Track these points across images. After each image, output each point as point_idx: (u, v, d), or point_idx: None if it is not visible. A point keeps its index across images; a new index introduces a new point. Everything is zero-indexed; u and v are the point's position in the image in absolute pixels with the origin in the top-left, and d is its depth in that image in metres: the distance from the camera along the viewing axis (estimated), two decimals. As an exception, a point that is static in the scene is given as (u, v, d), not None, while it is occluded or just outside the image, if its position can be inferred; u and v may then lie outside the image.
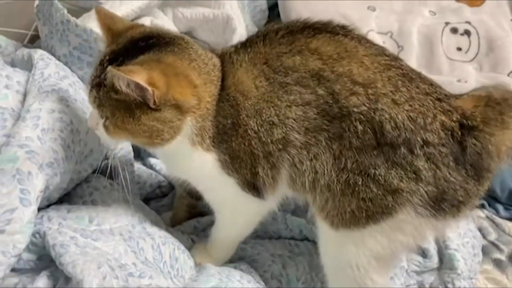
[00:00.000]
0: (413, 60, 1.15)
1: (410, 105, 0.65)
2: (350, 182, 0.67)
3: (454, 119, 0.66)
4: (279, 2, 1.31)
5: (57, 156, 0.72)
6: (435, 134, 0.65)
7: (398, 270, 0.87)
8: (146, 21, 1.05)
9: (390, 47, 1.17)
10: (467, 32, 1.16)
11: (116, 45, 0.69)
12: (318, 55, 0.68)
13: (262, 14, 1.38)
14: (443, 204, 0.66)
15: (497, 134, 0.65)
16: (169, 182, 1.02)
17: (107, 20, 0.67)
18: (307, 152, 0.68)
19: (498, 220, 0.95)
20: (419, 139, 0.65)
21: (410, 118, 0.65)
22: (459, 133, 0.65)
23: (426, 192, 0.65)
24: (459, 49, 1.15)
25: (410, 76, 0.68)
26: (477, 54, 1.14)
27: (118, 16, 0.78)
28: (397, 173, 0.65)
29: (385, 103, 0.65)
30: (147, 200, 0.99)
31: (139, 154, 1.08)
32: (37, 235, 0.67)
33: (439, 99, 0.67)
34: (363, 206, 0.67)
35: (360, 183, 0.66)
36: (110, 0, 1.07)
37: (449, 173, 0.65)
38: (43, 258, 0.69)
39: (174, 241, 0.78)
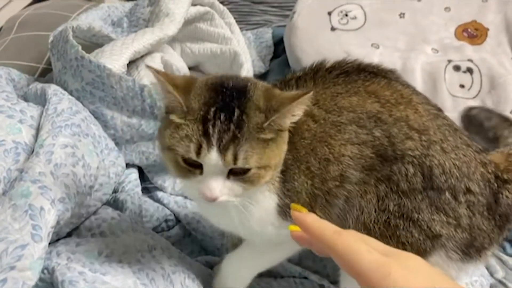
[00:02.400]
0: (417, 96, 1.17)
1: (456, 154, 0.69)
2: (391, 224, 0.68)
3: (490, 171, 0.70)
4: (285, 38, 1.34)
5: (69, 191, 0.73)
6: (476, 183, 0.68)
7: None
8: (157, 57, 1.08)
9: (394, 83, 1.19)
10: (469, 70, 1.18)
11: (204, 97, 0.60)
12: (376, 98, 0.69)
13: (268, 49, 1.41)
14: (471, 249, 0.69)
15: None
16: (175, 216, 1.02)
17: (169, 78, 0.60)
18: (359, 189, 0.69)
19: (505, 258, 0.95)
20: (463, 186, 0.68)
21: (456, 166, 0.68)
22: (495, 184, 0.70)
23: (461, 238, 0.68)
24: (462, 86, 1.17)
25: (454, 127, 0.72)
26: (479, 91, 1.15)
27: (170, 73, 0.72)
28: (440, 219, 0.68)
29: (436, 150, 0.68)
30: (153, 233, 1.00)
31: (146, 187, 1.09)
32: (45, 271, 0.67)
33: (477, 151, 0.71)
34: (401, 248, 0.65)
35: (401, 227, 0.68)
36: (122, 37, 1.10)
37: (482, 222, 0.69)
38: (50, 295, 0.69)
39: (184, 269, 0.78)
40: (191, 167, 0.59)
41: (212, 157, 0.56)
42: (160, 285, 0.73)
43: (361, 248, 0.47)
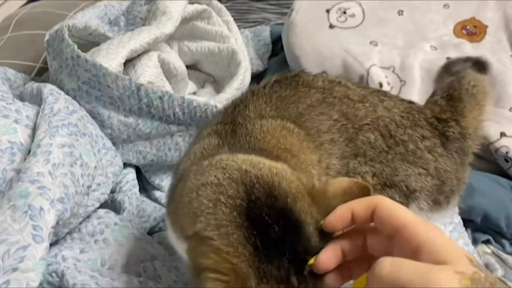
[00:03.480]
0: (415, 94, 1.16)
1: (398, 109, 0.73)
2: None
3: (430, 115, 0.75)
4: (283, 36, 1.33)
5: (68, 191, 0.72)
6: (426, 128, 0.73)
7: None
8: (154, 55, 1.07)
9: (393, 81, 1.18)
10: (468, 68, 1.18)
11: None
12: (314, 88, 0.72)
13: (266, 47, 1.41)
14: (441, 196, 0.72)
15: (464, 119, 0.76)
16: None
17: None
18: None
19: (505, 256, 0.94)
20: (417, 134, 0.72)
21: (404, 118, 0.72)
22: (440, 125, 0.74)
23: (432, 186, 0.70)
24: (461, 84, 1.17)
25: (381, 90, 0.79)
26: (478, 89, 1.15)
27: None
28: (412, 172, 0.70)
29: (381, 110, 0.72)
30: (150, 233, 0.99)
31: (144, 187, 1.08)
32: (53, 274, 0.67)
33: (411, 103, 0.77)
34: None
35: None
36: (119, 36, 1.09)
37: (446, 163, 0.72)
38: (58, 298, 0.69)
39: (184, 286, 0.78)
40: None
41: None
42: None
43: None
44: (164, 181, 1.06)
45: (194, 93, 1.27)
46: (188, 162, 0.61)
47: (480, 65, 0.91)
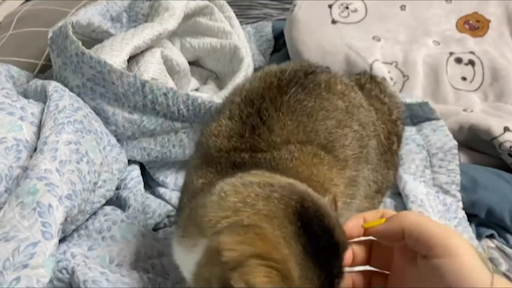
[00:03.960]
0: (419, 89, 1.16)
1: (376, 113, 0.80)
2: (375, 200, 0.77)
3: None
4: (285, 31, 1.33)
5: (75, 188, 0.72)
6: (389, 132, 0.83)
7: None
8: (157, 52, 1.07)
9: (396, 76, 1.19)
10: (471, 62, 1.18)
11: None
12: (337, 96, 0.69)
13: (269, 43, 1.41)
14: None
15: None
16: (177, 212, 1.02)
17: None
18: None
19: (509, 250, 0.95)
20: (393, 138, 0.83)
21: (381, 123, 0.80)
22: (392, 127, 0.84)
23: (391, 180, 0.82)
24: (464, 78, 1.17)
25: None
26: (481, 83, 1.15)
27: None
28: (389, 176, 0.78)
29: (373, 114, 0.77)
30: (155, 230, 0.99)
31: (148, 183, 1.08)
32: (64, 271, 0.67)
33: None
34: None
35: (378, 200, 0.80)
36: (122, 32, 1.09)
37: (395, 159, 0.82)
38: (68, 295, 0.69)
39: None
40: None
41: None
42: None
43: None
44: (168, 178, 1.06)
45: (196, 90, 1.27)
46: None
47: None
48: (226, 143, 0.60)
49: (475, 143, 1.08)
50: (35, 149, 0.75)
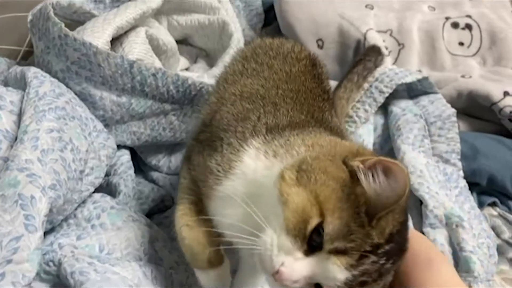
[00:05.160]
0: (415, 57, 1.13)
1: None
2: None
3: None
4: (275, 4, 1.29)
5: (59, 178, 0.69)
6: None
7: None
8: (141, 31, 1.03)
9: (391, 45, 1.15)
10: (468, 26, 1.14)
11: None
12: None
13: (259, 17, 1.36)
14: None
15: None
16: (171, 196, 1.00)
17: None
18: None
19: (511, 217, 0.93)
20: None
21: None
22: None
23: None
24: (461, 43, 1.13)
25: None
26: (479, 48, 1.12)
27: None
28: None
29: None
30: (150, 214, 0.97)
31: (140, 168, 1.06)
32: (50, 263, 0.65)
33: None
34: None
35: None
36: (104, 12, 1.05)
37: None
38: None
39: (187, 267, 0.76)
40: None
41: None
42: (163, 283, 0.71)
43: None
44: (161, 161, 1.03)
45: (186, 69, 1.24)
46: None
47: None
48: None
49: (475, 110, 1.05)
50: (16, 139, 0.72)
